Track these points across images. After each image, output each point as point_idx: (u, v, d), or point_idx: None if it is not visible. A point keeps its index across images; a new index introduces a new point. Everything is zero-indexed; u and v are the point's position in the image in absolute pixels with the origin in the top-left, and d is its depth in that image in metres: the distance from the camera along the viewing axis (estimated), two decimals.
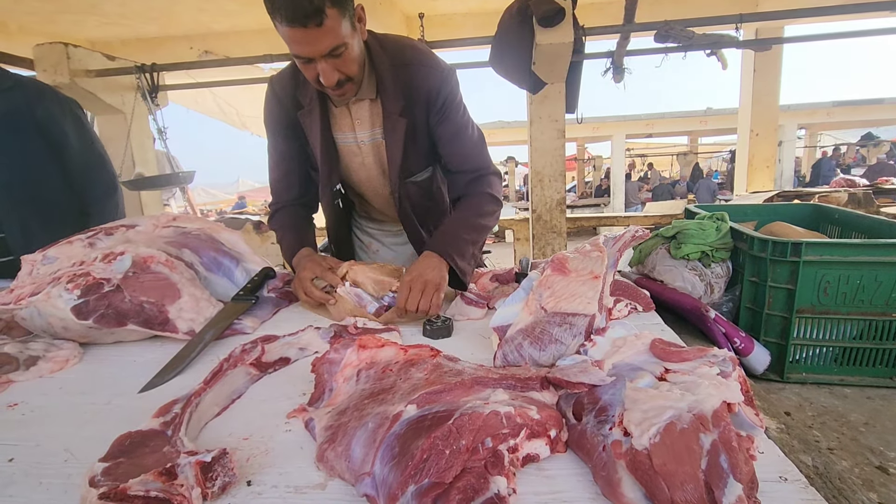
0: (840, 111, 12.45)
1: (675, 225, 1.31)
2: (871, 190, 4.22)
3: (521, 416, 0.54)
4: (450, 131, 1.27)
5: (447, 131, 1.27)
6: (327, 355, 0.71)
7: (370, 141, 1.27)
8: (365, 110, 1.24)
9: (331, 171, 1.29)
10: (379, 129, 1.25)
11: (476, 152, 1.32)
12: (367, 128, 1.26)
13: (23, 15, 4.25)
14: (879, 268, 1.07)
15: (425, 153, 1.31)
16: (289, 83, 1.24)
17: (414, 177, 1.32)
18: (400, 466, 0.48)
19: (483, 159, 1.34)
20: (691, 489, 0.46)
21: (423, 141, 1.28)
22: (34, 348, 0.83)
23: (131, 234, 1.06)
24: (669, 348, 0.65)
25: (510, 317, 0.80)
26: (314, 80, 1.09)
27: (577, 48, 2.91)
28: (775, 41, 3.73)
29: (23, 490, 0.54)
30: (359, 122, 1.25)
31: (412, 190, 1.33)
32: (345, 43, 1.03)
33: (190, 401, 0.63)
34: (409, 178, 1.31)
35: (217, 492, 0.51)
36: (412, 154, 1.27)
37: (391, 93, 1.20)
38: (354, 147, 1.29)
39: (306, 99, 1.22)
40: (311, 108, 1.23)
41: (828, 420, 0.91)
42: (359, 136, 1.27)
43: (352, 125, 1.26)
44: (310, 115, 1.23)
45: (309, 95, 1.22)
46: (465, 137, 1.30)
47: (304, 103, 1.23)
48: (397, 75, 1.20)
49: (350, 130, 1.27)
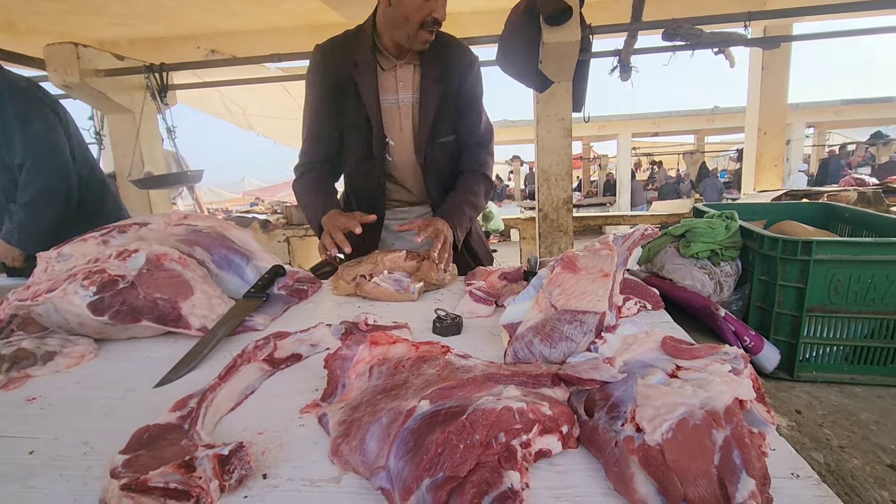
0: (849, 109, 12.35)
1: (685, 223, 1.30)
2: (881, 189, 4.18)
3: (533, 412, 0.54)
4: (473, 108, 1.49)
5: (471, 108, 1.48)
6: (339, 352, 0.72)
7: (409, 103, 1.44)
8: (409, 74, 1.43)
9: (381, 124, 1.43)
10: (409, 92, 1.43)
11: (485, 135, 1.53)
12: (408, 90, 1.43)
13: (31, 15, 4.29)
14: (891, 266, 1.07)
15: (452, 120, 1.48)
16: (342, 46, 1.41)
17: (442, 139, 1.47)
18: (415, 460, 0.49)
19: (488, 141, 1.55)
20: (704, 484, 0.46)
21: (451, 109, 1.46)
22: (51, 344, 0.84)
23: (144, 232, 1.07)
24: (680, 345, 0.66)
25: (520, 314, 0.80)
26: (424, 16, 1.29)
27: (585, 47, 2.90)
28: (784, 39, 3.71)
29: (44, 482, 0.55)
30: (402, 84, 1.43)
31: (438, 151, 1.48)
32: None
33: (205, 396, 0.64)
34: (437, 138, 1.46)
35: (234, 484, 0.51)
36: (442, 117, 1.44)
37: (431, 61, 1.41)
38: (395, 108, 1.44)
39: (362, 59, 1.39)
40: (365, 68, 1.38)
41: (838, 418, 0.90)
42: (401, 97, 1.43)
43: (395, 87, 1.43)
44: (364, 74, 1.38)
45: (364, 56, 1.39)
46: (482, 119, 1.52)
47: (360, 64, 1.39)
48: (439, 49, 1.41)
49: (394, 92, 1.43)
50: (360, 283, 1.15)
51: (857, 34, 3.68)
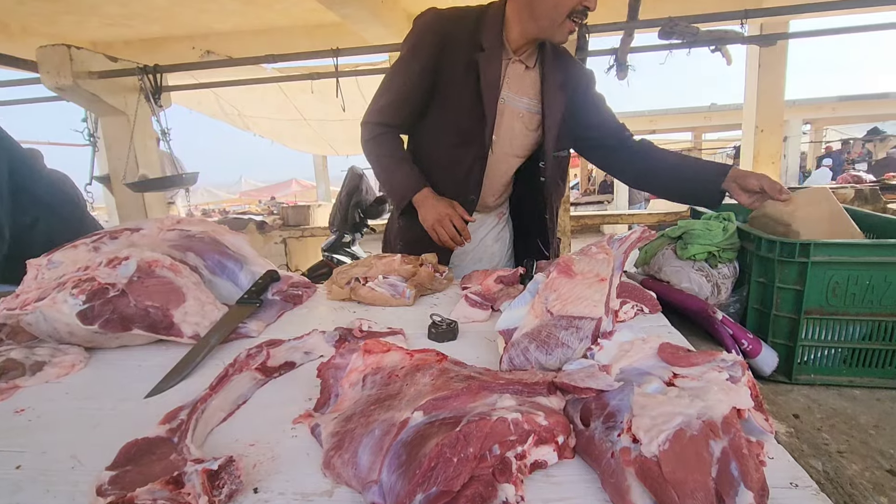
0: (846, 106, 12.36)
1: (682, 225, 1.30)
2: (878, 186, 4.19)
3: (528, 423, 0.53)
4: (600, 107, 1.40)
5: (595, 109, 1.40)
6: (333, 360, 0.71)
7: (513, 105, 1.32)
8: (519, 74, 1.31)
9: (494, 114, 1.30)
10: (528, 98, 1.33)
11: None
12: (515, 92, 1.32)
13: (25, 16, 4.26)
14: (889, 268, 1.06)
15: (570, 134, 1.39)
16: (469, 22, 1.28)
17: (559, 152, 1.40)
18: (407, 474, 0.48)
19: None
20: (702, 497, 0.45)
21: (572, 122, 1.36)
22: (40, 353, 0.83)
23: (136, 238, 1.06)
24: (678, 352, 0.65)
25: (516, 320, 0.79)
26: (573, 6, 1.15)
27: (581, 45, 2.90)
28: (780, 36, 3.70)
29: (30, 497, 0.54)
30: (508, 82, 1.30)
31: (553, 165, 1.39)
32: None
33: (196, 407, 0.63)
34: (556, 151, 1.38)
35: (224, 499, 0.50)
36: (564, 128, 1.35)
37: (553, 66, 1.31)
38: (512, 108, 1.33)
39: (489, 44, 1.26)
40: (493, 54, 1.26)
41: (837, 422, 0.90)
42: (504, 96, 1.31)
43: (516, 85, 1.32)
44: (490, 59, 1.26)
45: (491, 41, 1.26)
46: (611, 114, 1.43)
47: (486, 47, 1.26)
48: (557, 54, 1.33)
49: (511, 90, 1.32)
50: (356, 288, 1.14)
51: (853, 31, 3.68)
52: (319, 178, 11.56)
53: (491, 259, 1.58)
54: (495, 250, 1.59)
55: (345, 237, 3.97)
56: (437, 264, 1.24)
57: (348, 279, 1.16)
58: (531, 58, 1.32)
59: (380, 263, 1.18)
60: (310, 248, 5.05)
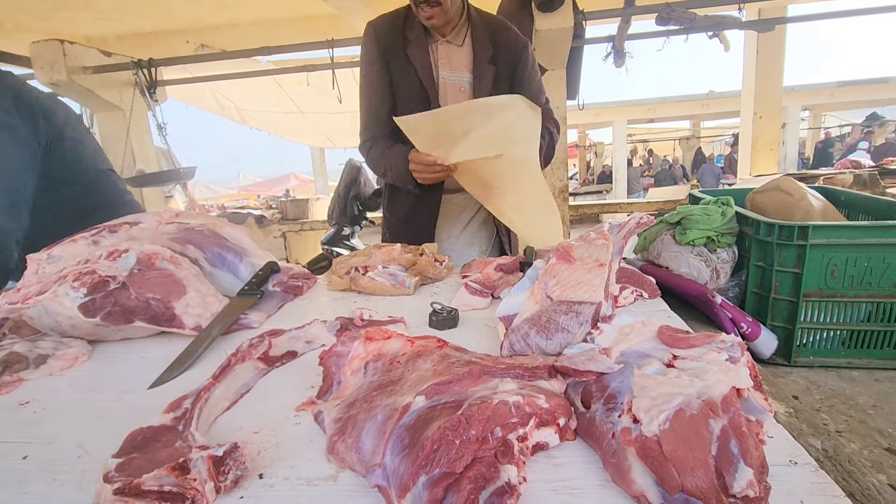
0: (844, 91, 12.31)
1: (680, 211, 1.30)
2: (877, 171, 4.18)
3: (529, 405, 0.54)
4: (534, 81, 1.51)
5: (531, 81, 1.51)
6: (334, 348, 0.71)
7: (451, 81, 1.45)
8: (451, 52, 1.45)
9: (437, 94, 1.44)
10: (462, 72, 1.45)
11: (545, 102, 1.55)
12: (450, 69, 1.45)
13: (18, 12, 4.22)
14: (888, 250, 1.06)
15: None
16: (392, 22, 1.45)
17: None
18: (410, 457, 0.48)
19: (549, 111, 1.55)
20: (702, 475, 0.46)
21: (506, 90, 1.46)
22: (43, 347, 0.83)
23: (135, 231, 1.06)
24: (677, 335, 0.65)
25: (516, 306, 0.80)
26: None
27: (578, 33, 2.88)
28: (778, 21, 3.68)
29: (38, 487, 0.54)
30: (443, 61, 1.45)
31: None
32: None
33: (200, 396, 0.64)
34: None
35: (230, 485, 0.51)
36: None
37: (483, 41, 1.43)
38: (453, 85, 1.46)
39: (413, 35, 1.42)
40: (417, 43, 1.42)
41: (836, 403, 0.91)
42: (442, 75, 1.45)
43: (449, 64, 1.45)
44: (417, 47, 1.42)
45: (415, 32, 1.42)
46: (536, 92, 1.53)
47: (411, 38, 1.42)
48: (490, 30, 1.45)
49: (448, 69, 1.45)
50: (356, 278, 1.14)
51: (851, 15, 3.65)
52: (317, 172, 11.54)
53: (480, 243, 1.66)
54: (483, 235, 1.66)
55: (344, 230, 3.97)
56: (438, 253, 1.25)
57: (348, 269, 1.16)
58: (458, 36, 1.44)
59: (379, 253, 1.18)
60: (309, 241, 5.05)
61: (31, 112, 1.28)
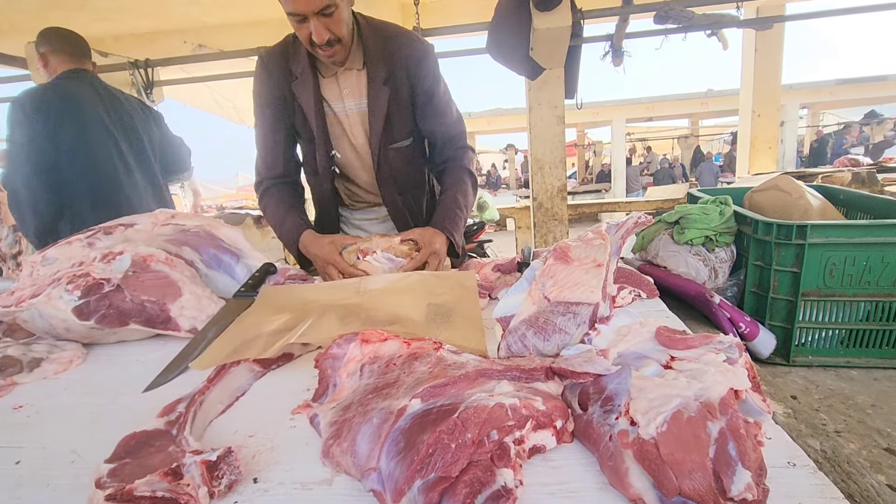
0: (843, 89, 12.30)
1: (678, 210, 1.29)
2: (876, 168, 4.18)
3: (526, 408, 0.53)
4: (434, 104, 1.36)
5: (431, 104, 1.35)
6: (330, 350, 0.70)
7: (357, 110, 1.33)
8: (352, 80, 1.31)
9: (326, 137, 1.34)
10: (365, 98, 1.31)
11: (456, 126, 1.42)
12: (354, 97, 1.32)
13: (13, 12, 4.20)
14: (886, 248, 1.06)
15: (407, 122, 1.37)
16: (280, 56, 1.30)
17: (396, 144, 1.38)
18: (406, 461, 0.48)
19: (462, 133, 1.44)
20: (699, 478, 0.45)
21: (406, 110, 1.35)
22: (37, 350, 0.83)
23: (130, 233, 1.05)
24: (674, 336, 0.65)
25: (513, 307, 0.79)
26: (307, 39, 1.15)
27: (576, 32, 2.87)
28: (777, 19, 3.67)
29: (31, 492, 0.54)
30: (346, 90, 1.32)
31: (393, 157, 1.39)
32: (336, 3, 1.11)
33: (194, 399, 0.63)
34: (391, 144, 1.36)
35: (224, 490, 0.50)
36: (395, 121, 1.34)
37: (377, 62, 1.28)
38: (344, 116, 1.34)
39: (298, 69, 1.28)
40: (303, 79, 1.28)
41: (835, 403, 0.90)
42: (347, 105, 1.33)
43: (340, 95, 1.32)
44: (303, 85, 1.29)
45: (301, 66, 1.28)
46: (449, 112, 1.40)
47: (297, 73, 1.29)
48: (383, 46, 1.28)
49: (339, 100, 1.33)
50: (356, 264, 1.17)
51: (849, 13, 3.65)
52: None
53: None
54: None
55: None
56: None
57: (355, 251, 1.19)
58: (356, 61, 1.29)
59: (381, 241, 1.21)
60: None
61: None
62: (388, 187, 1.42)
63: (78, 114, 1.80)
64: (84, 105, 1.83)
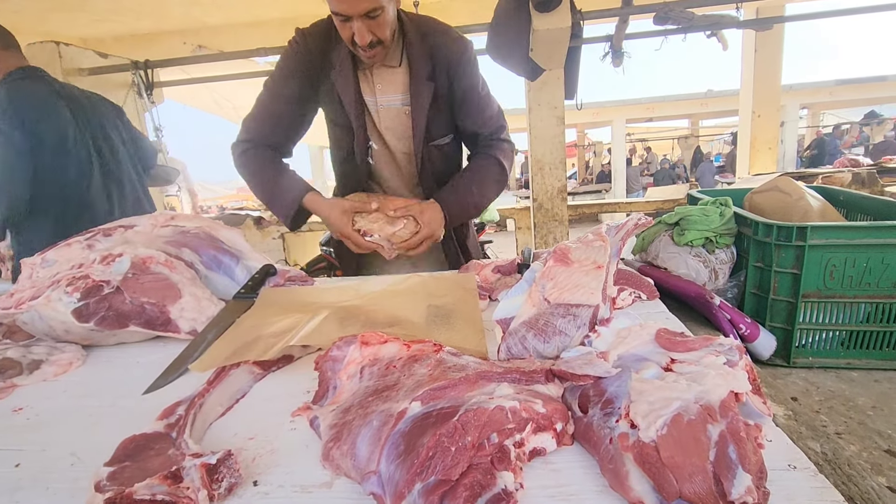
0: (843, 90, 12.30)
1: (679, 211, 1.29)
2: (876, 169, 4.18)
3: (526, 411, 0.53)
4: (474, 100, 1.36)
5: (472, 100, 1.35)
6: (330, 353, 0.70)
7: (389, 106, 1.34)
8: (386, 76, 1.32)
9: (364, 129, 1.35)
10: (401, 94, 1.32)
11: (496, 121, 1.42)
12: (387, 93, 1.33)
13: (11, 14, 4.20)
14: (886, 250, 1.06)
15: (448, 119, 1.38)
16: (323, 39, 1.30)
17: (437, 141, 1.38)
18: (406, 464, 0.48)
19: (501, 127, 1.43)
20: (700, 481, 0.45)
21: (446, 106, 1.36)
22: (37, 352, 0.82)
23: (130, 235, 1.05)
24: (675, 338, 0.65)
25: (513, 309, 0.79)
26: (349, 39, 1.16)
27: (576, 33, 2.87)
28: (776, 20, 3.68)
29: (30, 495, 0.54)
30: (380, 87, 1.32)
31: (435, 154, 1.39)
32: (382, 6, 1.11)
33: (194, 402, 0.63)
34: (431, 141, 1.37)
35: (223, 493, 0.50)
36: (436, 118, 1.34)
37: (419, 58, 1.28)
38: (374, 111, 1.35)
39: (338, 59, 1.28)
40: (343, 69, 1.28)
41: (835, 404, 0.90)
42: (379, 100, 1.33)
43: (373, 90, 1.32)
44: (342, 76, 1.29)
45: (341, 57, 1.28)
46: (489, 107, 1.40)
47: (336, 63, 1.29)
48: (425, 42, 1.29)
49: (371, 95, 1.33)
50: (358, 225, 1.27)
51: (849, 13, 3.65)
52: (316, 172, 11.53)
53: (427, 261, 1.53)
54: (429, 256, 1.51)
55: None
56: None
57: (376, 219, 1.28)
58: (393, 58, 1.30)
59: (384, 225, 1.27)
60: (308, 242, 5.04)
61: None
62: (429, 184, 1.43)
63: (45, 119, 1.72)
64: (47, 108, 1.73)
